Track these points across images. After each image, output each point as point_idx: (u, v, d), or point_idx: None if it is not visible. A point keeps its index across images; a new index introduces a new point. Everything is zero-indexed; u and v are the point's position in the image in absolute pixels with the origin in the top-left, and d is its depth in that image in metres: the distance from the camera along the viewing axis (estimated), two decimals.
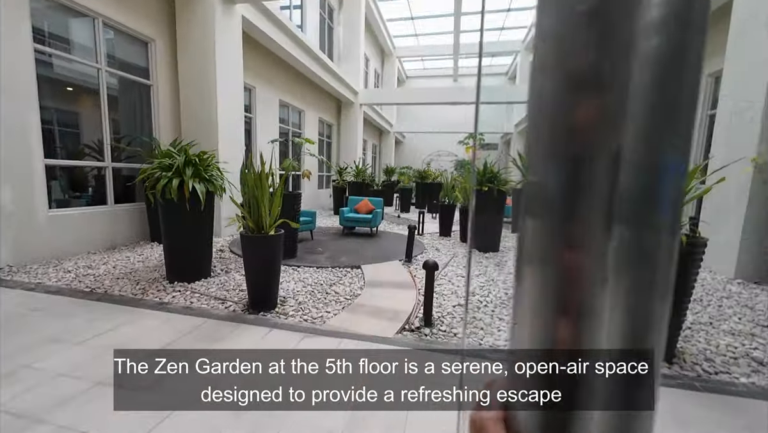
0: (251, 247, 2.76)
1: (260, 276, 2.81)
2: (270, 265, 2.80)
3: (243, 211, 2.75)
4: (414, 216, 9.96)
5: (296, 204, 4.50)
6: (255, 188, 2.65)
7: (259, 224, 2.76)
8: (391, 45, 19.28)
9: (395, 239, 6.33)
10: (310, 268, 4.19)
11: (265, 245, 2.74)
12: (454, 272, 4.26)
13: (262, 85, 8.41)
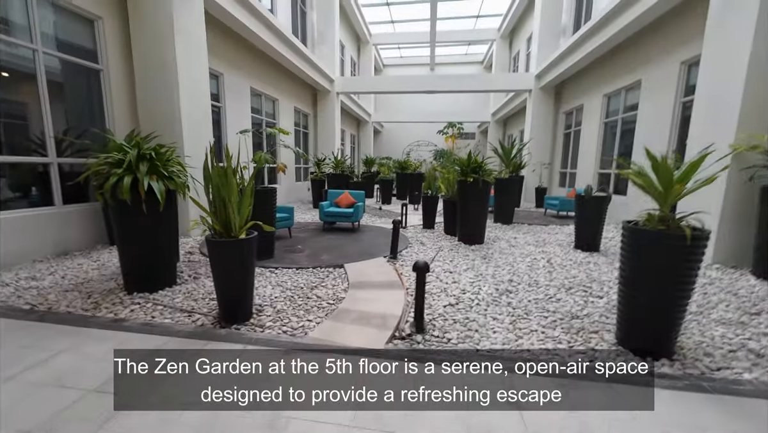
0: (219, 253, 2.44)
1: (231, 285, 2.50)
2: (242, 272, 2.49)
3: (207, 213, 2.41)
4: (396, 208, 9.75)
5: (271, 200, 4.15)
6: (220, 186, 2.32)
7: (227, 226, 2.43)
8: (367, 32, 18.70)
9: (378, 233, 6.09)
10: (289, 269, 3.89)
11: (235, 251, 2.43)
12: (442, 267, 4.08)
13: (230, 71, 7.83)
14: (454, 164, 5.48)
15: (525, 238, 5.92)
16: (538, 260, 4.46)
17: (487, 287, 3.44)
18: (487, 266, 4.16)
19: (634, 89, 7.76)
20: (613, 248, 5.18)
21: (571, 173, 10.97)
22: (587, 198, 4.72)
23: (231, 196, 2.32)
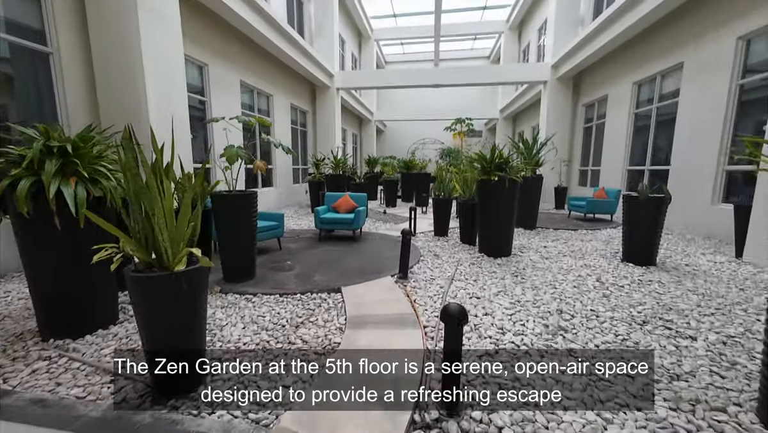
0: (141, 294, 1.59)
1: (163, 340, 1.65)
2: (179, 321, 1.64)
3: (124, 239, 1.56)
4: (401, 211, 8.89)
5: (249, 207, 3.31)
6: (137, 192, 1.48)
7: (161, 254, 1.59)
8: (368, 27, 17.90)
9: (383, 242, 5.23)
10: (271, 296, 3.04)
11: (167, 290, 1.58)
12: (465, 290, 3.21)
13: (217, 62, 7.03)
14: (473, 161, 4.60)
15: (557, 246, 5.02)
16: (584, 279, 3.57)
17: (532, 322, 2.56)
18: (524, 288, 3.28)
19: (673, 74, 6.83)
20: (672, 260, 4.27)
21: (594, 171, 10.03)
22: (642, 199, 3.82)
23: (154, 207, 1.47)
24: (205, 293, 1.79)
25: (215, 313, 2.67)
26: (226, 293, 3.09)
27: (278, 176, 9.76)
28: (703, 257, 4.43)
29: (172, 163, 1.67)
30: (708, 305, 2.85)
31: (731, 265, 4.01)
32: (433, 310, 2.77)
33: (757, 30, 4.98)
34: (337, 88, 12.41)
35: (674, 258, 4.34)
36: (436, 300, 2.98)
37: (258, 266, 3.82)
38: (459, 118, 15.59)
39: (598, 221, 7.47)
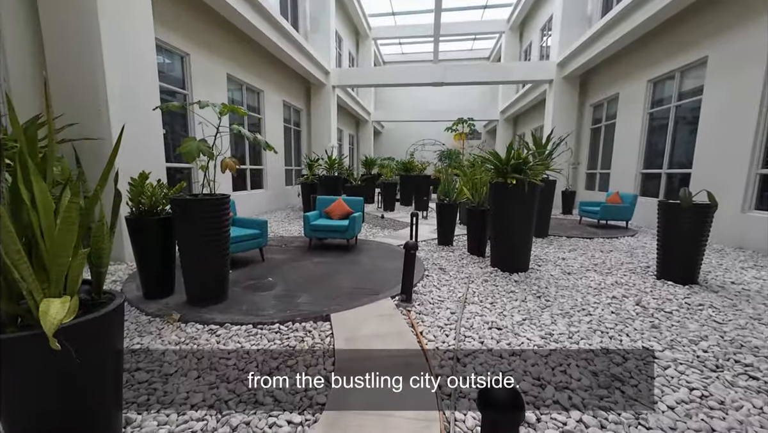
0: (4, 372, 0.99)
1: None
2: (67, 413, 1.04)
3: None
4: (400, 215, 8.31)
5: (219, 216, 2.71)
6: None
7: (28, 300, 0.98)
8: (366, 25, 17.37)
9: (381, 252, 4.64)
10: (241, 328, 2.43)
11: (37, 364, 0.97)
12: (482, 317, 2.63)
13: (200, 52, 6.42)
14: (484, 161, 4.03)
15: (576, 259, 4.46)
16: (620, 301, 3.00)
17: (576, 369, 1.98)
18: (552, 315, 2.70)
19: (695, 70, 6.33)
20: (713, 276, 3.72)
21: (603, 174, 9.52)
22: (686, 207, 3.26)
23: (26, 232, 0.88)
24: (116, 360, 1.18)
25: (165, 353, 2.06)
26: (186, 322, 2.48)
27: (269, 178, 9.15)
28: (746, 272, 3.88)
29: (52, 150, 1.06)
30: None
31: None
32: (446, 348, 2.18)
33: None
34: (333, 86, 11.83)
35: (715, 274, 3.79)
36: (447, 332, 2.40)
37: (233, 282, 3.22)
38: (461, 119, 15.06)
39: (612, 227, 6.93)
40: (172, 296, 2.97)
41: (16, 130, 1.00)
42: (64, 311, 0.88)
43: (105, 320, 1.12)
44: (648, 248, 5.11)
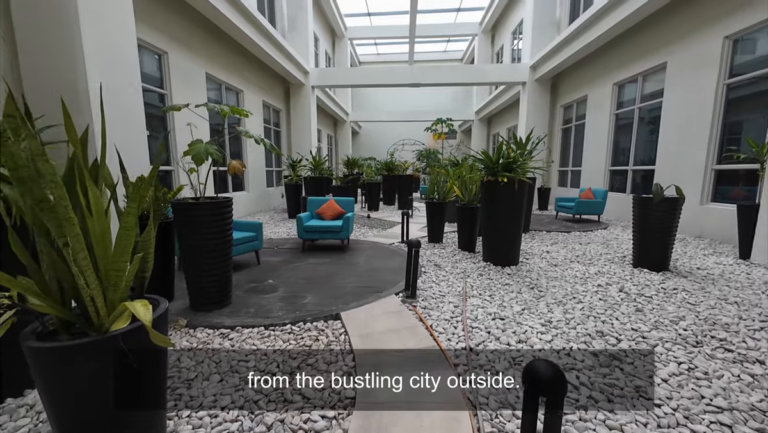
0: (52, 375, 0.98)
1: None
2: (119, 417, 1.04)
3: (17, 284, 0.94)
4: (386, 215, 8.41)
5: (223, 218, 2.68)
6: (42, 214, 0.88)
7: (88, 306, 0.98)
8: (342, 25, 17.33)
9: (376, 251, 4.71)
10: (252, 330, 2.43)
11: (100, 367, 0.98)
12: (483, 309, 2.77)
13: (179, 50, 6.21)
14: (476, 161, 4.20)
15: (559, 252, 4.74)
16: (606, 289, 3.25)
17: (579, 351, 2.15)
18: (548, 304, 2.89)
19: (656, 75, 6.86)
20: (681, 263, 4.08)
21: (574, 171, 10.08)
22: (657, 201, 3.57)
23: (65, 232, 0.88)
24: (164, 363, 1.20)
25: (180, 359, 2.04)
26: (194, 328, 2.44)
27: (250, 179, 8.96)
28: (708, 258, 4.29)
29: (103, 159, 1.06)
30: (750, 317, 2.60)
31: (741, 267, 3.87)
32: (458, 339, 2.30)
33: (746, 29, 5.00)
34: (313, 86, 11.74)
35: (682, 261, 4.16)
36: (455, 325, 2.52)
37: (234, 287, 3.18)
38: (439, 119, 15.36)
39: (586, 221, 7.38)
40: (173, 303, 2.90)
41: (72, 137, 0.98)
42: (149, 311, 0.90)
43: (161, 321, 1.13)
44: (620, 240, 5.51)
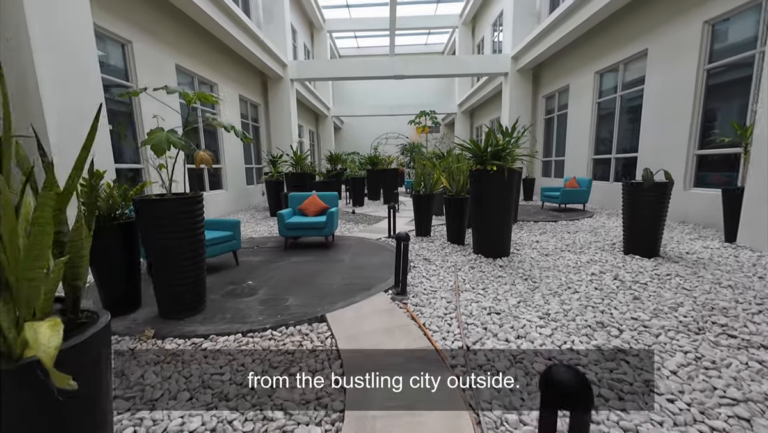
0: None
1: None
2: None
3: None
4: (371, 210, 8.21)
5: (193, 216, 2.42)
6: None
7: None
8: (320, 17, 16.88)
9: (362, 247, 4.51)
10: (231, 336, 2.20)
11: (15, 399, 0.76)
12: (477, 303, 2.63)
13: (143, 39, 5.78)
14: (463, 150, 4.06)
15: (549, 241, 4.67)
16: (600, 277, 3.17)
17: (582, 344, 2.03)
18: (544, 296, 2.77)
19: (637, 62, 6.89)
20: (670, 248, 4.06)
21: (558, 161, 10.13)
22: (647, 186, 3.52)
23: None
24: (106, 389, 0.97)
25: (144, 376, 1.80)
26: (163, 338, 2.19)
27: (228, 177, 8.57)
28: (694, 243, 4.31)
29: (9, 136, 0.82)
30: (746, 300, 2.55)
31: (728, 250, 3.88)
32: (454, 338, 2.14)
33: (724, 14, 5.02)
34: (292, 80, 11.36)
35: (670, 247, 4.15)
36: (449, 322, 2.36)
37: (209, 290, 2.93)
38: (423, 111, 15.18)
39: (572, 210, 7.40)
40: (140, 310, 2.63)
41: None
42: (58, 335, 0.68)
43: (90, 344, 0.91)
44: (607, 227, 5.50)
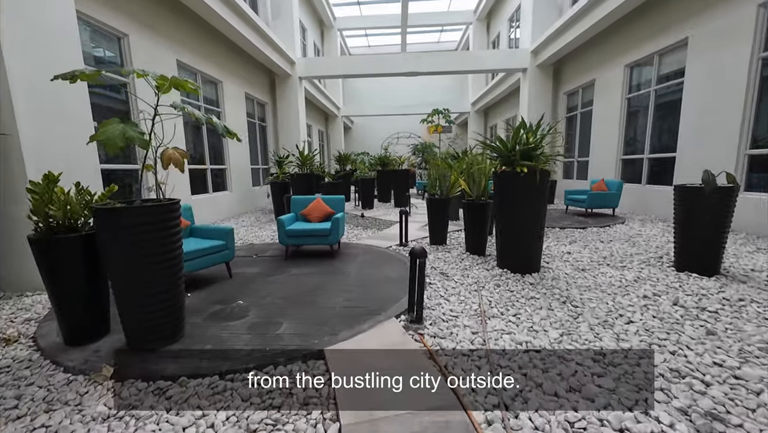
0: None
1: None
2: None
3: None
4: (381, 213, 7.75)
5: (166, 229, 2.01)
6: None
7: None
8: (330, 14, 16.54)
9: (370, 257, 4.06)
10: (202, 380, 1.77)
11: None
12: (511, 336, 2.13)
13: (141, 33, 5.47)
14: (486, 148, 3.56)
15: (581, 252, 4.13)
16: (655, 301, 2.63)
17: (652, 401, 1.53)
18: (589, 325, 2.26)
19: (675, 53, 6.25)
20: (730, 264, 3.46)
21: (581, 162, 9.49)
22: (709, 190, 2.96)
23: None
24: None
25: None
26: (122, 380, 1.78)
27: (233, 178, 8.24)
28: (755, 257, 3.70)
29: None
30: None
31: None
32: (486, 392, 1.66)
33: None
34: (300, 77, 11.00)
35: (729, 262, 3.56)
36: (478, 364, 1.88)
37: (192, 311, 2.53)
38: (436, 110, 14.64)
39: (599, 215, 6.79)
40: (108, 337, 2.23)
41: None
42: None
43: None
44: (646, 236, 4.91)
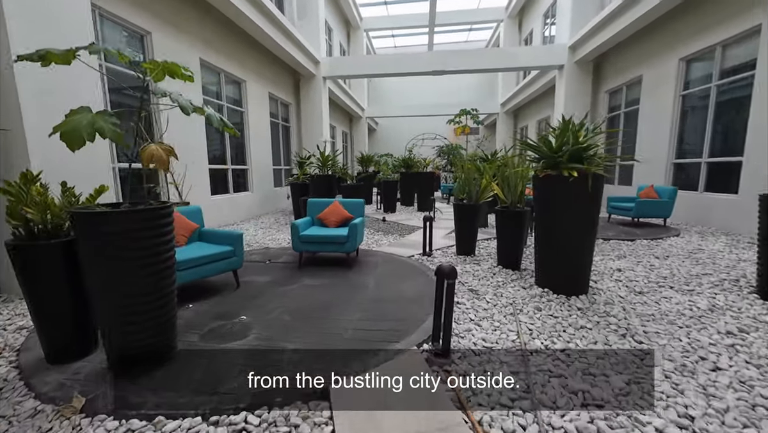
0: None
1: None
2: None
3: None
4: (404, 217, 7.36)
5: (155, 237, 1.74)
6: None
7: None
8: (357, 15, 16.38)
9: (390, 268, 3.69)
10: (182, 421, 1.47)
11: None
12: (551, 366, 1.70)
13: (164, 30, 5.40)
14: (524, 148, 3.11)
15: (634, 270, 3.57)
16: (743, 339, 2.10)
17: None
18: (663, 371, 1.78)
19: (742, 43, 5.48)
20: None
21: (623, 166, 8.69)
22: None
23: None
24: None
25: None
26: (92, 415, 1.51)
27: (254, 178, 8.14)
28: None
29: None
30: None
31: None
32: None
33: None
34: (324, 77, 10.84)
35: None
36: (521, 421, 1.47)
37: (189, 326, 2.27)
38: (464, 110, 14.07)
39: (648, 225, 6.07)
40: (94, 356, 2.00)
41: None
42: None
43: None
44: (709, 252, 4.24)
